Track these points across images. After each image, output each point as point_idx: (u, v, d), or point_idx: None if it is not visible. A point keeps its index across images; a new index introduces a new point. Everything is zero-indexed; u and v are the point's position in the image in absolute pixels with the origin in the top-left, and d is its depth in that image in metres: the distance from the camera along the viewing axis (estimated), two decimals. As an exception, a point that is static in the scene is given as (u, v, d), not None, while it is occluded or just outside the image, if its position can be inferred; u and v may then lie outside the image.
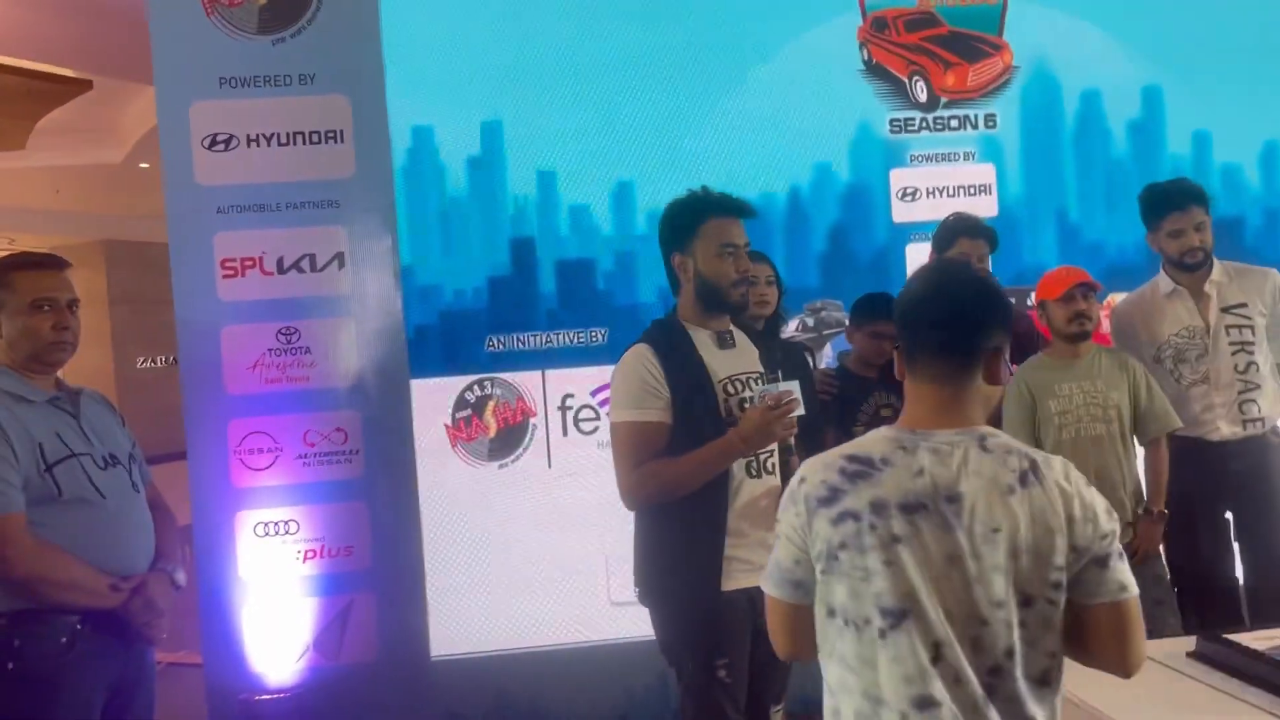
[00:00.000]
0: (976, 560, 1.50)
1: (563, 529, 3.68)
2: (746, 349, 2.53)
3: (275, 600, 3.60)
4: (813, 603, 1.61)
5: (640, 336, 2.48)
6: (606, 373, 2.68)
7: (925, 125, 3.91)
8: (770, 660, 2.10)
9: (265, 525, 3.61)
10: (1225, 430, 3.24)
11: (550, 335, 3.77)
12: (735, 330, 2.53)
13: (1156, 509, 3.12)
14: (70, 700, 2.24)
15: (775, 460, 2.46)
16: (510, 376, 3.75)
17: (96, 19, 6.02)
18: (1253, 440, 3.24)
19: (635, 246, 3.76)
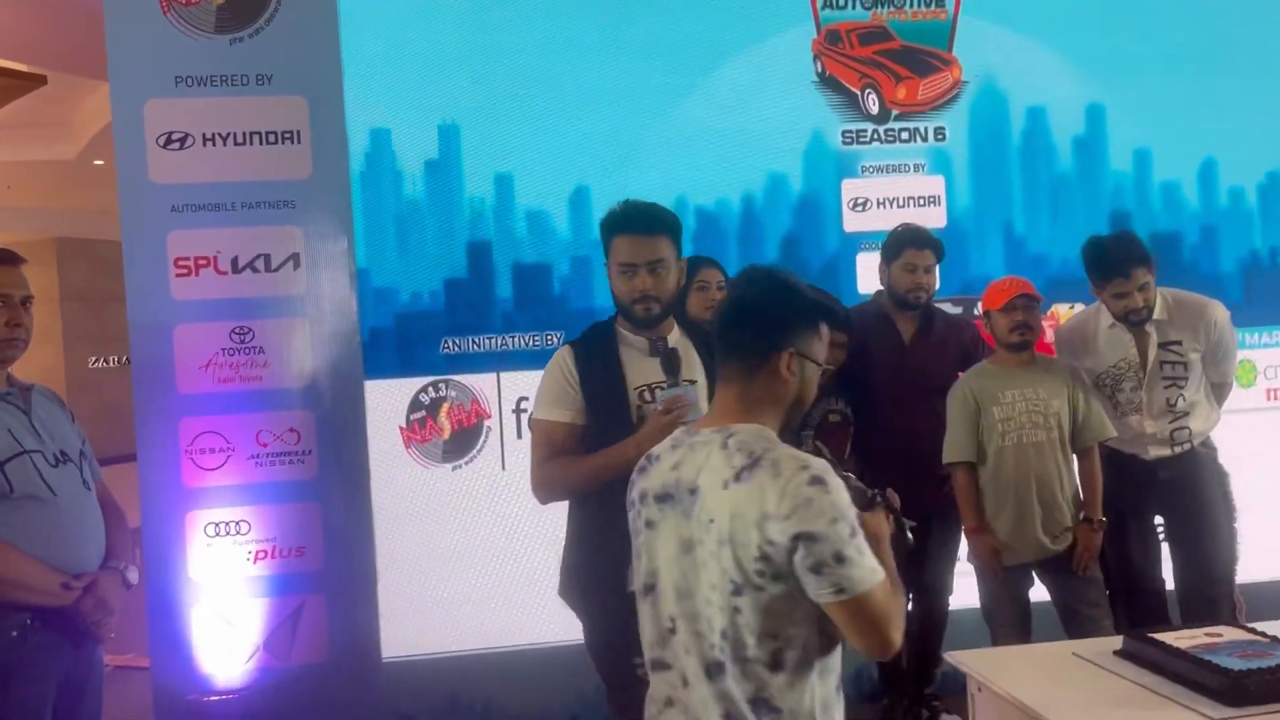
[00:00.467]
0: (702, 547, 1.67)
1: (515, 531, 3.71)
2: (683, 358, 2.51)
3: (225, 601, 3.59)
4: None
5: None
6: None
7: (876, 137, 4.00)
8: None
9: (216, 525, 3.59)
10: (1155, 452, 3.36)
11: (506, 338, 3.80)
12: (677, 337, 2.53)
13: (1095, 518, 3.22)
14: (20, 694, 2.23)
15: None
16: (465, 379, 3.77)
17: (51, 14, 5.95)
18: (1182, 454, 3.37)
19: (591, 251, 3.79)
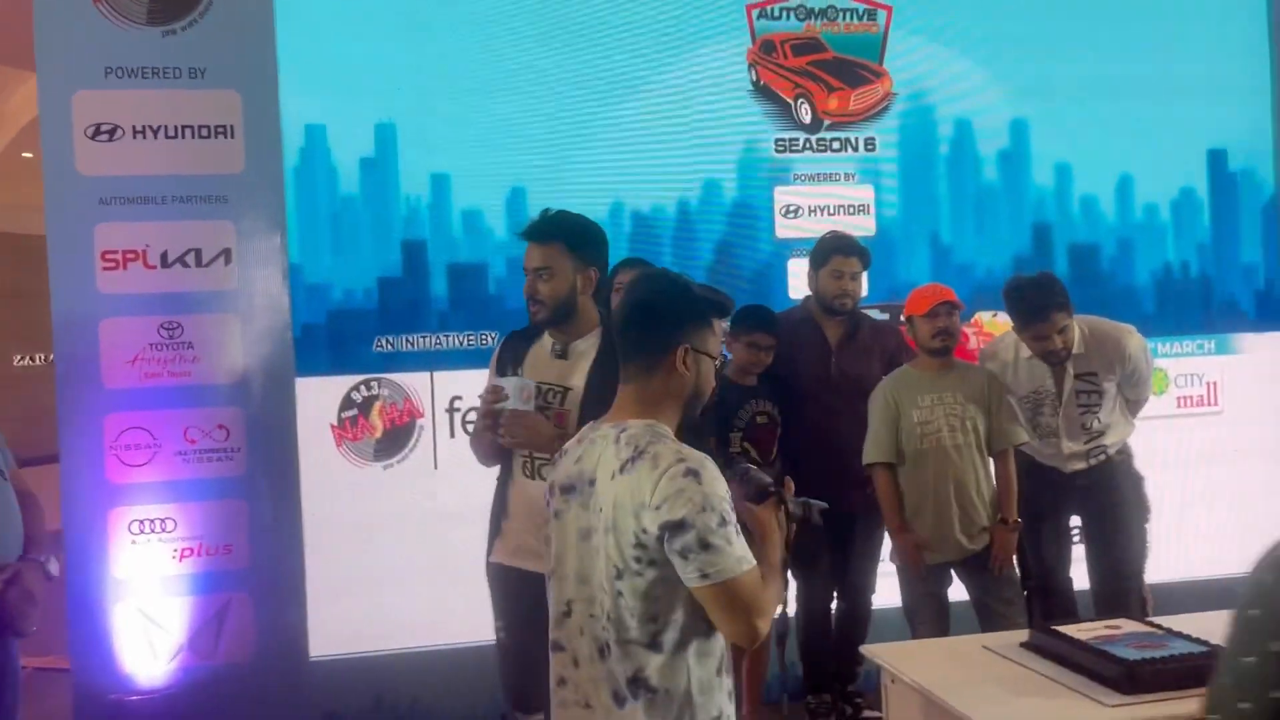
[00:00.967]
0: (596, 535, 1.77)
1: (447, 530, 3.70)
2: (578, 363, 2.62)
3: (149, 599, 3.54)
4: None
5: None
6: (496, 376, 2.76)
7: (809, 146, 4.08)
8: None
9: (141, 523, 3.55)
10: (1073, 466, 3.50)
11: (440, 337, 3.80)
12: (593, 340, 2.62)
13: (1010, 518, 3.32)
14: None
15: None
16: (398, 377, 3.77)
17: (-22, 1, 5.82)
18: (1099, 464, 3.51)
19: (527, 252, 3.82)
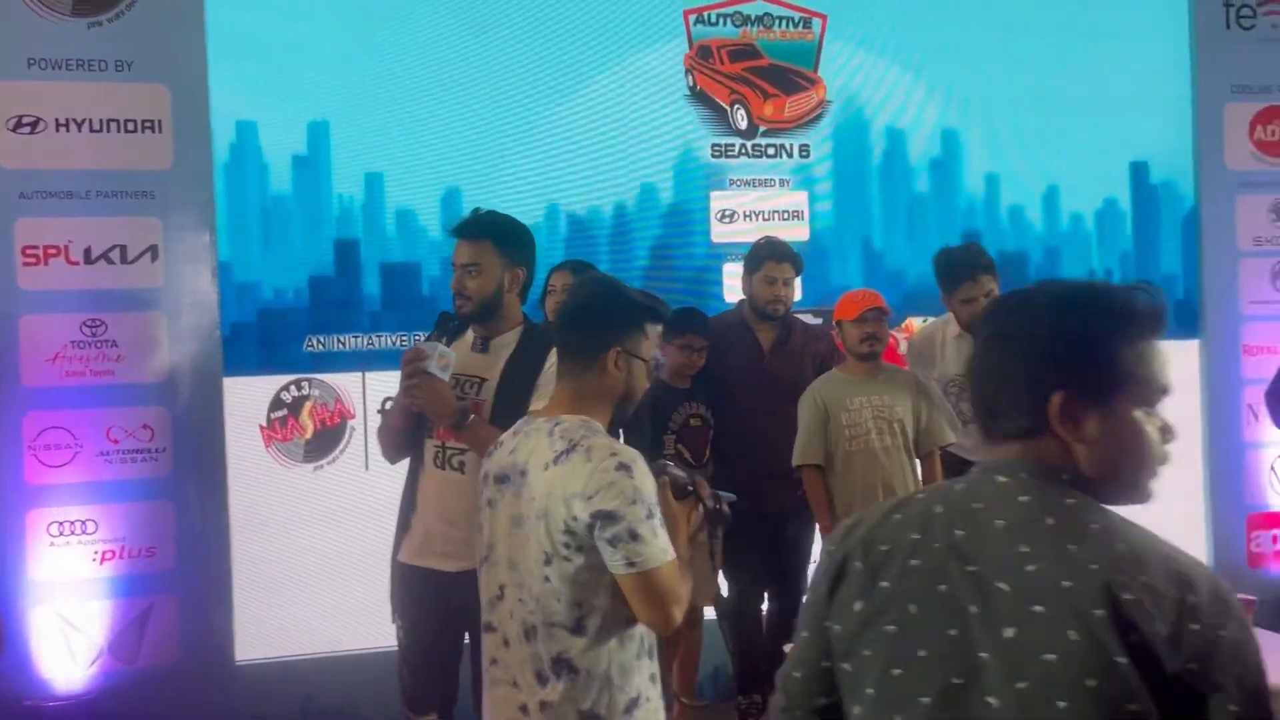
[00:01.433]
0: (528, 522, 1.87)
1: (376, 533, 3.64)
2: (497, 357, 2.65)
3: (68, 603, 3.46)
4: None
5: None
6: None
7: (744, 151, 4.12)
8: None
9: (61, 525, 3.47)
10: None
11: (372, 338, 3.77)
12: (515, 337, 2.67)
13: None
14: None
15: (464, 459, 2.61)
16: (329, 378, 3.73)
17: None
18: None
19: (462, 253, 3.80)
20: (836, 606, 1.20)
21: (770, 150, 4.14)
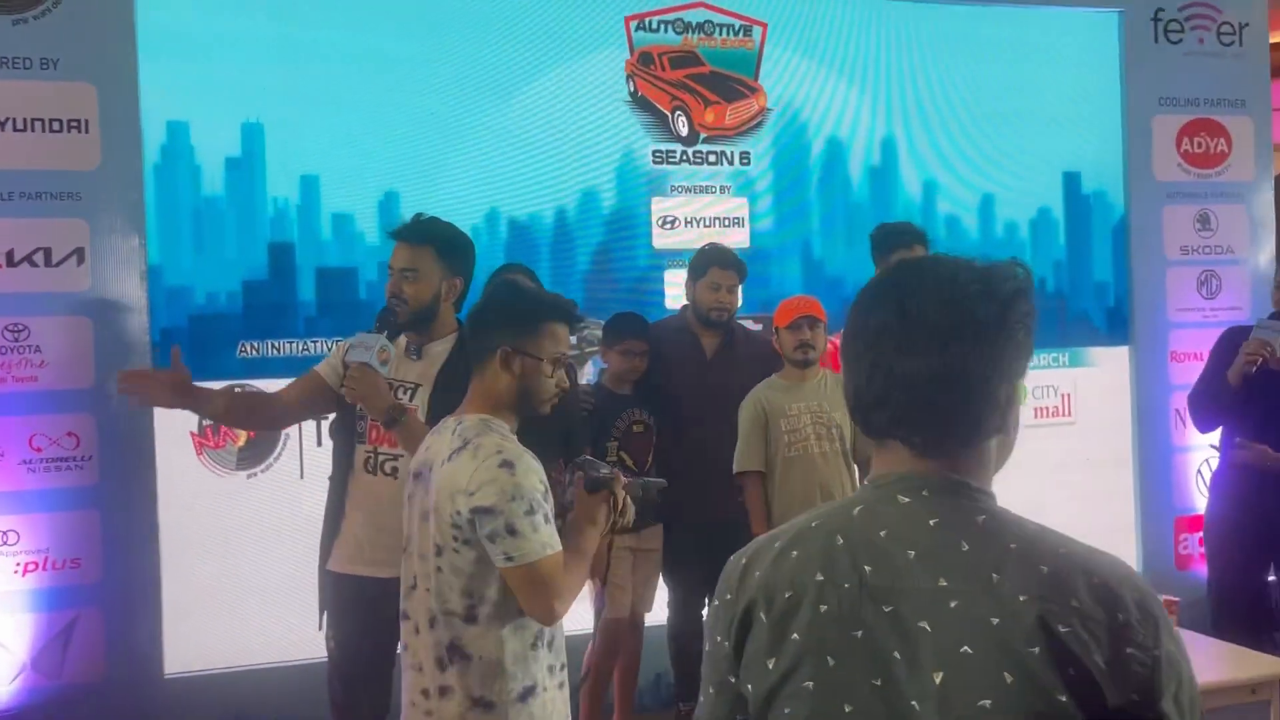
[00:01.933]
0: (433, 515, 1.96)
1: (311, 541, 3.57)
2: (430, 364, 2.65)
3: (-12, 616, 3.35)
4: None
5: None
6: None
7: (685, 158, 4.13)
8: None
9: (-20, 535, 3.36)
10: None
11: (307, 343, 3.71)
12: (448, 343, 2.65)
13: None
14: None
15: (396, 465, 2.60)
16: (263, 384, 3.64)
17: None
18: None
19: (400, 257, 3.75)
20: (747, 664, 1.11)
21: (711, 157, 4.15)
